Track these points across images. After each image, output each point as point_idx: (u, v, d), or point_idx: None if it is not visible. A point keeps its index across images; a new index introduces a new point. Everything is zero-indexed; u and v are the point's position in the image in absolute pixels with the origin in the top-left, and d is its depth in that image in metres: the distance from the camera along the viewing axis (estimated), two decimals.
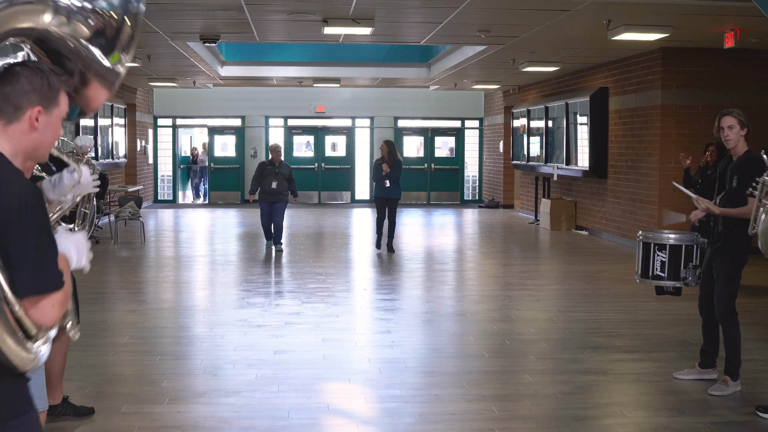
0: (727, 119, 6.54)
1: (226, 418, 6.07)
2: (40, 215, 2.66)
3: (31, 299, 2.63)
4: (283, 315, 9.69)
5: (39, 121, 2.74)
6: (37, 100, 2.71)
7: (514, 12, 11.56)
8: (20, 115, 2.73)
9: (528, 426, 6.00)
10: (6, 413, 2.76)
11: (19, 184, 2.68)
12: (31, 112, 2.73)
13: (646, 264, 7.13)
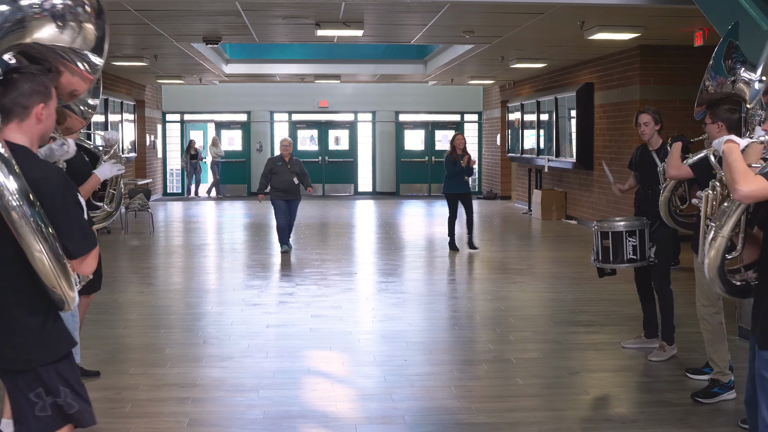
0: (643, 116, 7.50)
1: (219, 377, 6.99)
2: (71, 191, 3.57)
3: (77, 260, 3.55)
4: (278, 295, 10.61)
5: (43, 114, 3.64)
6: (39, 98, 3.62)
7: (492, 15, 12.44)
8: (29, 113, 3.63)
9: (481, 384, 6.89)
10: (68, 345, 3.69)
11: (48, 170, 3.59)
12: (36, 109, 3.64)
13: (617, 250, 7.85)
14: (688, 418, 6.00)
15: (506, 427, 5.82)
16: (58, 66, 3.66)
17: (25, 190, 3.39)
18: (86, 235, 3.61)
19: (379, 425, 5.88)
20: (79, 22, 3.56)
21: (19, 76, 3.59)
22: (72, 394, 3.66)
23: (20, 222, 3.38)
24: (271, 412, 6.11)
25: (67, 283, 3.56)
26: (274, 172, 14.10)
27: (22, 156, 3.52)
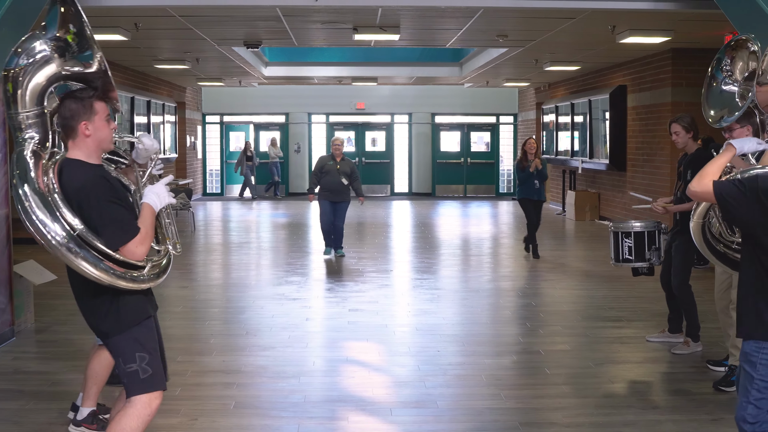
0: (673, 126, 7.79)
1: (261, 365, 7.40)
2: (102, 192, 4.01)
3: (122, 248, 4.00)
4: (316, 291, 11.02)
5: (88, 129, 4.13)
6: (81, 117, 4.12)
7: (525, 19, 12.77)
8: (76, 131, 4.15)
9: (510, 374, 7.26)
10: (136, 318, 4.15)
11: (84, 176, 4.07)
12: (80, 127, 4.15)
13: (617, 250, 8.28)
14: (705, 405, 6.31)
15: (532, 412, 6.17)
16: (105, 82, 4.18)
17: (66, 229, 3.99)
18: (121, 228, 4.09)
19: (413, 409, 6.26)
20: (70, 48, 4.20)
21: (66, 101, 4.19)
22: (150, 361, 4.16)
23: (68, 256, 4.00)
24: (311, 397, 6.51)
25: (126, 280, 4.14)
26: (323, 171, 13.68)
27: (69, 168, 4.13)
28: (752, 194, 4.05)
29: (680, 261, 7.82)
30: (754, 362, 4.20)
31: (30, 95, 4.09)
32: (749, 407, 4.20)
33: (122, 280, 4.10)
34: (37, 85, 4.11)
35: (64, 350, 7.90)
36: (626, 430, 5.79)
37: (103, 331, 4.29)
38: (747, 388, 4.22)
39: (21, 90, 4.08)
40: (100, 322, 4.27)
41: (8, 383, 6.96)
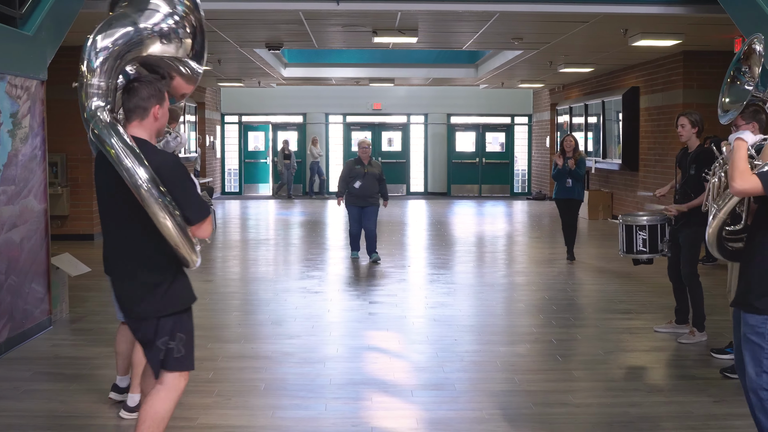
0: (680, 119, 8.17)
1: (288, 351, 7.82)
2: (183, 172, 4.39)
3: (196, 225, 4.37)
4: (338, 284, 11.43)
5: (159, 113, 4.51)
6: (155, 101, 4.50)
7: (539, 23, 13.17)
8: (148, 113, 4.51)
9: (523, 360, 7.65)
10: (187, 301, 4.52)
11: (165, 156, 4.43)
12: (153, 110, 4.52)
13: (630, 242, 8.69)
14: (708, 389, 6.69)
15: (544, 394, 6.57)
16: (171, 72, 4.56)
17: (151, 174, 4.23)
18: (200, 205, 4.46)
19: (432, 391, 6.66)
20: (179, 39, 4.52)
21: (139, 84, 4.50)
22: (186, 343, 4.52)
23: (149, 199, 4.21)
24: (336, 380, 6.92)
25: (189, 244, 4.41)
26: (351, 175, 13.32)
27: (144, 147, 4.38)
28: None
29: (689, 252, 8.20)
30: (762, 333, 4.57)
31: (111, 71, 4.37)
32: (764, 375, 4.57)
33: (187, 245, 4.37)
34: (121, 63, 4.41)
35: (99, 338, 8.31)
36: (632, 410, 6.17)
37: (149, 310, 4.48)
38: (759, 358, 4.59)
39: (103, 62, 4.34)
40: (148, 298, 4.46)
41: (50, 367, 7.39)
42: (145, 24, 4.41)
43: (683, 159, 8.32)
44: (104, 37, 4.32)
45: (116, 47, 4.34)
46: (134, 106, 4.47)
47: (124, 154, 4.22)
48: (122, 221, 4.47)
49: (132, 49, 4.41)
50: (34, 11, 8.50)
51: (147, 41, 4.44)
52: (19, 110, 8.07)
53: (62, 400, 6.44)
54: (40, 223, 8.56)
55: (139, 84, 4.52)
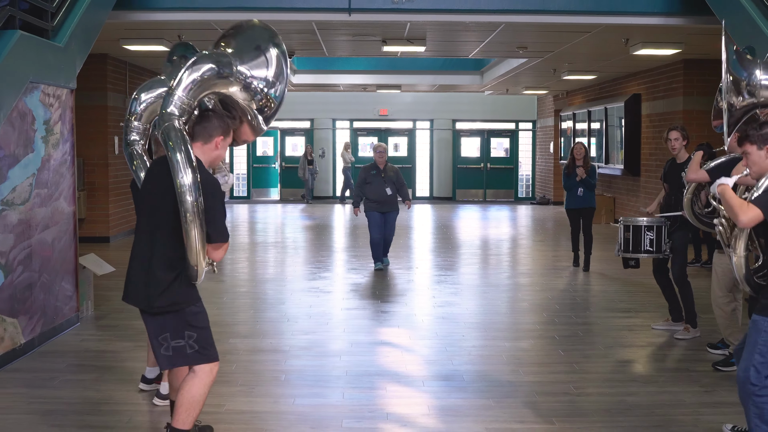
0: (673, 133, 8.65)
1: (305, 346, 8.29)
2: (221, 198, 4.88)
3: (215, 245, 4.84)
4: (349, 285, 11.88)
5: (219, 145, 4.99)
6: (221, 132, 5.01)
7: (543, 33, 13.63)
8: (211, 140, 5.02)
9: (527, 354, 8.11)
10: (190, 299, 4.98)
11: (209, 178, 4.91)
12: (217, 139, 5.01)
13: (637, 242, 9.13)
14: (700, 380, 7.14)
15: (546, 384, 7.02)
16: (242, 117, 5.09)
17: (197, 183, 4.73)
18: (224, 229, 4.97)
19: (442, 381, 7.12)
20: (253, 99, 5.16)
21: (213, 114, 5.08)
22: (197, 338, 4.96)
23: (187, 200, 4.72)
24: (352, 371, 7.37)
25: (203, 257, 4.88)
26: (368, 181, 12.99)
27: (198, 164, 4.88)
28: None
29: (679, 254, 8.66)
30: (760, 329, 5.03)
31: (195, 91, 4.95)
32: (751, 369, 5.02)
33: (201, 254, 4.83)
34: (206, 88, 5.01)
35: (124, 333, 8.77)
36: (629, 398, 6.62)
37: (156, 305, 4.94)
38: (751, 351, 5.06)
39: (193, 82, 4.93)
40: (156, 294, 4.91)
41: (82, 360, 7.86)
42: (242, 68, 5.05)
43: (671, 171, 8.79)
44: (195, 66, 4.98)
45: (207, 74, 4.98)
46: (201, 130, 5.00)
47: (184, 162, 4.72)
48: (158, 226, 4.95)
49: (217, 81, 5.04)
50: (65, 23, 8.97)
51: (230, 80, 5.05)
52: (51, 117, 8.54)
53: (96, 389, 6.90)
54: (69, 224, 9.02)
55: (212, 114, 5.10)
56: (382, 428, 5.97)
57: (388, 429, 5.96)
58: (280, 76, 5.15)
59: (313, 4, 11.63)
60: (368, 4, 11.61)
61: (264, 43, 5.16)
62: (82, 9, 9.25)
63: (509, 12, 11.82)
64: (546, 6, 11.67)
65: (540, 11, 11.78)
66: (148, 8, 11.67)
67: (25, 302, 7.90)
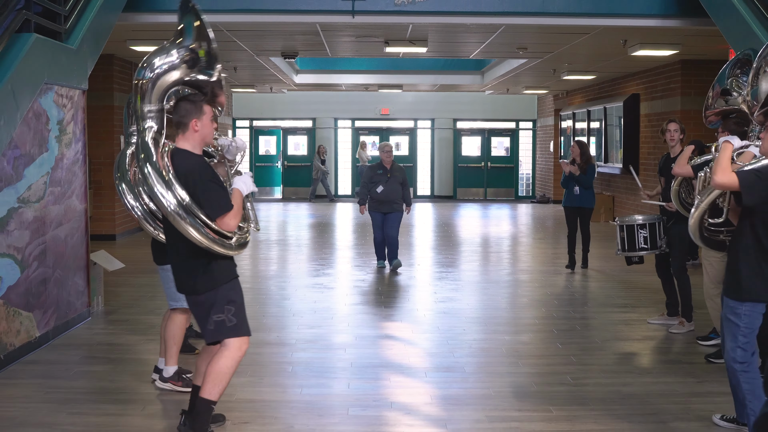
0: (672, 124, 8.91)
1: (311, 339, 8.56)
2: (207, 175, 5.14)
3: (218, 220, 5.11)
4: (352, 281, 12.14)
5: (197, 126, 5.26)
6: (192, 114, 5.27)
7: (542, 34, 13.89)
8: (187, 127, 5.26)
9: (526, 347, 8.38)
10: (226, 277, 5.25)
11: (193, 162, 5.18)
12: (192, 123, 5.25)
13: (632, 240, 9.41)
14: (693, 371, 7.41)
15: (545, 375, 7.28)
16: (214, 89, 5.30)
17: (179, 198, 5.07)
18: (219, 203, 5.21)
19: (444, 372, 7.38)
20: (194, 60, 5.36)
21: (182, 102, 5.35)
22: (235, 312, 5.25)
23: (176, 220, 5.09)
24: (357, 363, 7.64)
25: (219, 245, 5.21)
26: (373, 181, 12.91)
27: (180, 156, 5.25)
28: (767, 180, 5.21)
29: (678, 249, 8.91)
30: (739, 314, 5.33)
31: (155, 94, 5.25)
32: (738, 350, 5.33)
33: (216, 244, 5.18)
34: (162, 85, 5.28)
35: (135, 327, 9.04)
36: (624, 389, 6.88)
37: (198, 289, 5.33)
38: (735, 334, 5.37)
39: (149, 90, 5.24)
40: (195, 280, 5.31)
41: (95, 352, 8.12)
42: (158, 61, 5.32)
43: (666, 165, 9.05)
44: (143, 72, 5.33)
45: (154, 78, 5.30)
46: (176, 122, 5.31)
47: (157, 179, 5.10)
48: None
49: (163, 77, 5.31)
50: (77, 26, 9.23)
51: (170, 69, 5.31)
52: (65, 118, 8.80)
53: (110, 379, 7.16)
54: (81, 221, 9.28)
55: (182, 102, 5.38)
56: (386, 416, 6.23)
57: (392, 417, 6.22)
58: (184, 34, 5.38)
59: (318, 6, 11.87)
60: (371, 7, 11.86)
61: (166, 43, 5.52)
62: (93, 12, 9.51)
63: (509, 14, 12.08)
64: (545, 8, 11.93)
65: (539, 13, 12.04)
66: (156, 10, 11.92)
67: (39, 297, 8.15)
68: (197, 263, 5.30)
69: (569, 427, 5.96)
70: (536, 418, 6.16)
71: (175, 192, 5.08)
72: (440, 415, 6.25)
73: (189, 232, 5.11)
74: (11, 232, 7.60)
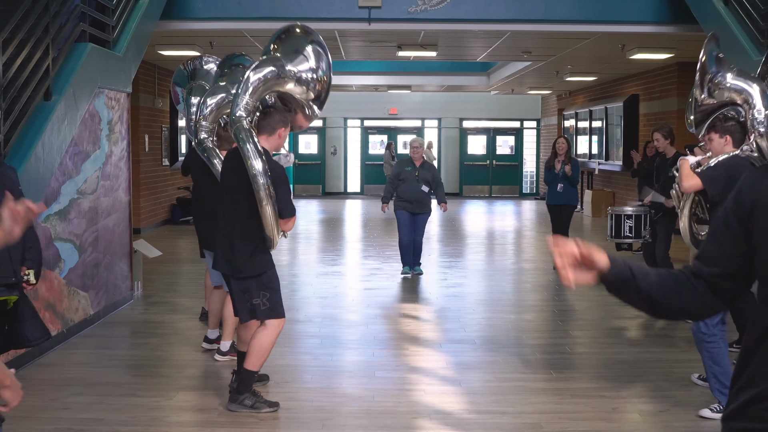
0: (655, 134, 9.95)
1: (336, 317, 9.50)
2: (287, 181, 6.08)
3: (285, 219, 6.03)
4: (368, 269, 13.10)
5: (282, 134, 6.17)
6: (282, 124, 6.17)
7: (545, 39, 14.82)
8: (275, 132, 6.17)
9: (531, 324, 9.33)
10: (267, 266, 6.18)
11: (276, 165, 6.10)
12: (280, 130, 6.17)
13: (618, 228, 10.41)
14: (678, 344, 8.34)
15: (546, 346, 8.24)
16: (297, 109, 6.26)
17: (265, 169, 5.90)
18: (291, 205, 6.16)
19: (457, 344, 8.32)
20: (307, 89, 6.25)
21: (274, 110, 6.25)
22: (269, 298, 6.15)
23: (261, 185, 5.90)
24: (378, 337, 8.60)
25: (277, 229, 6.07)
26: (401, 178, 12.08)
27: (265, 155, 6.06)
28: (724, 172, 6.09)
29: (663, 236, 9.87)
30: None
31: (261, 91, 6.16)
32: (701, 324, 6.21)
33: (274, 230, 6.05)
34: (272, 87, 6.22)
35: (175, 308, 9.98)
36: (615, 356, 7.83)
37: (243, 272, 6.14)
38: None
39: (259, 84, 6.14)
40: (242, 264, 6.12)
41: (143, 328, 9.08)
42: (290, 67, 6.21)
43: (662, 164, 10.01)
44: (255, 72, 6.11)
45: (269, 75, 6.18)
46: (266, 125, 6.17)
47: (254, 153, 5.91)
48: (237, 206, 6.14)
49: (275, 83, 6.24)
50: (122, 34, 10.17)
51: (287, 80, 6.24)
52: (113, 118, 9.75)
53: (163, 349, 8.12)
54: (125, 212, 10.23)
55: (273, 110, 6.28)
56: (408, 377, 7.17)
57: (414, 378, 7.16)
58: (319, 62, 6.38)
59: (337, 14, 12.78)
60: (386, 15, 12.76)
61: (301, 45, 6.44)
62: (136, 21, 10.45)
63: (514, 21, 12.98)
64: (548, 16, 12.83)
65: (543, 20, 12.94)
66: (186, 18, 12.82)
67: (93, 279, 9.10)
68: (245, 247, 6.11)
69: (567, 385, 6.90)
70: (539, 379, 7.11)
71: (263, 166, 5.93)
72: (455, 377, 7.18)
73: (264, 203, 5.89)
74: (71, 220, 8.55)
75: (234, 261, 6.17)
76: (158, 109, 19.01)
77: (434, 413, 6.20)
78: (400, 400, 6.52)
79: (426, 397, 6.62)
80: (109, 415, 6.10)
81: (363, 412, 6.22)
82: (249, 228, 6.11)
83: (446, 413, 6.20)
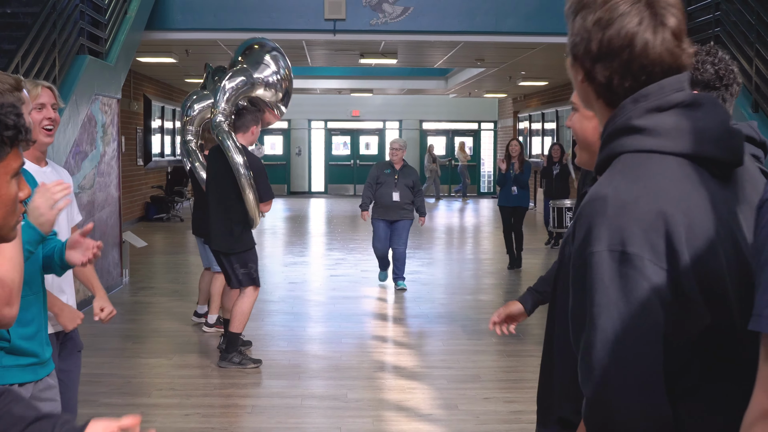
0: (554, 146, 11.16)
1: (301, 296, 10.68)
2: (264, 170, 7.27)
3: (265, 202, 7.23)
4: (333, 259, 14.30)
5: (254, 131, 7.38)
6: (254, 123, 7.38)
7: (496, 49, 16.10)
8: (248, 130, 7.37)
9: (485, 303, 10.56)
10: (252, 243, 7.37)
11: (255, 157, 7.30)
12: (253, 128, 7.37)
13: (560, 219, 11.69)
14: None
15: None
16: (265, 109, 7.46)
17: (245, 162, 7.13)
18: (269, 190, 7.35)
19: (414, 318, 9.56)
20: (275, 90, 7.40)
21: (246, 111, 7.41)
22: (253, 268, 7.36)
23: (242, 176, 7.12)
24: (344, 313, 9.81)
25: (258, 211, 7.29)
26: (379, 182, 11.07)
27: (243, 149, 7.26)
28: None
29: None
30: None
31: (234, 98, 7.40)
32: None
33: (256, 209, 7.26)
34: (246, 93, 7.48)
35: (162, 292, 11.14)
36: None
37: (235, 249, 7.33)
38: None
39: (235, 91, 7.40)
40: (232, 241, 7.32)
41: (137, 307, 10.24)
42: (257, 75, 7.36)
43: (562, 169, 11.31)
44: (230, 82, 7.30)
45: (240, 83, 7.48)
46: (241, 125, 7.38)
47: (234, 149, 7.12)
48: (224, 195, 7.32)
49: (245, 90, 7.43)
50: (113, 45, 11.30)
51: (255, 86, 7.39)
52: (106, 122, 10.88)
53: (157, 324, 9.30)
54: (116, 206, 11.36)
55: (246, 111, 7.47)
56: (371, 343, 8.42)
57: (375, 344, 8.41)
58: (279, 64, 7.79)
59: (305, 26, 13.97)
60: (350, 26, 13.96)
61: (261, 56, 7.81)
62: (124, 34, 11.58)
63: (468, 33, 14.24)
64: (499, 28, 14.09)
65: (494, 32, 14.20)
66: (166, 29, 13.95)
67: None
68: (235, 227, 7.32)
69: (505, 348, 8.16)
70: (482, 344, 8.37)
71: (243, 159, 7.16)
72: (410, 342, 8.45)
73: (246, 191, 7.12)
74: None
75: (229, 241, 7.35)
76: (134, 112, 20.05)
77: (392, 368, 7.47)
78: (363, 359, 7.76)
79: (385, 357, 7.88)
80: (120, 371, 7.28)
81: (332, 368, 7.45)
82: (239, 211, 7.29)
83: (401, 368, 7.46)
